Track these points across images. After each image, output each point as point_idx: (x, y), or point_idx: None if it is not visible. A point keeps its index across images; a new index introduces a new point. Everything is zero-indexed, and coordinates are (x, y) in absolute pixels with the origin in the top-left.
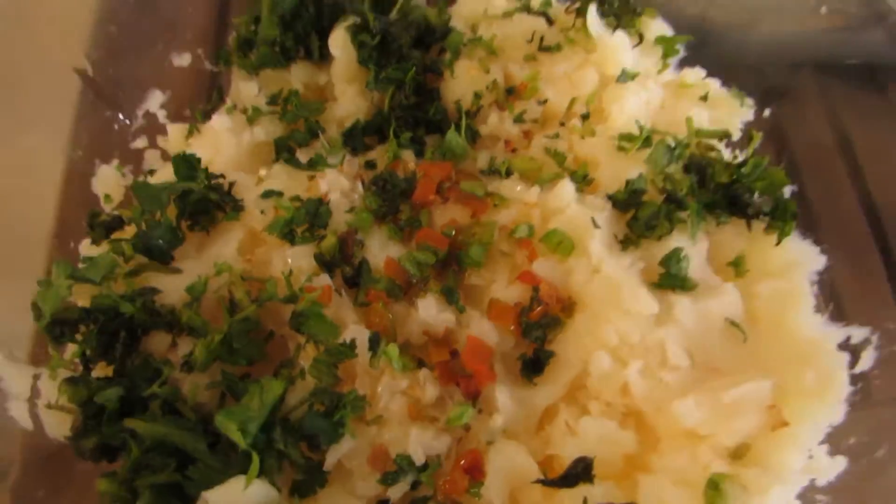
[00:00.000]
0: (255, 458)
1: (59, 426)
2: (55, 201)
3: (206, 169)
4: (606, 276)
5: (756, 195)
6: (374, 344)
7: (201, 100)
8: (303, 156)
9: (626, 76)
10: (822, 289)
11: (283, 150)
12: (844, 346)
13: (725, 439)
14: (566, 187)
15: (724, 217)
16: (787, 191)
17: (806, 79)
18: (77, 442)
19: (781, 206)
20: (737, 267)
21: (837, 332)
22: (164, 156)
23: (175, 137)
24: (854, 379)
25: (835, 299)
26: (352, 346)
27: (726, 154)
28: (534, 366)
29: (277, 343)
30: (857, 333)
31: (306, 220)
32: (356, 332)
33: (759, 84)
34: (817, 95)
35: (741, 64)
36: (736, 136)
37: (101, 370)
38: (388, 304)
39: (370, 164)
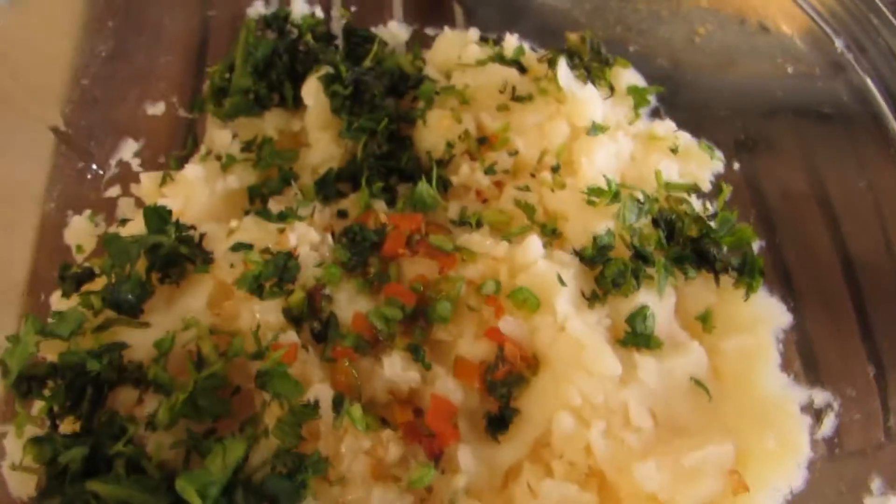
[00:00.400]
0: None
1: (23, 486)
2: (29, 254)
3: (178, 220)
4: (571, 335)
5: (724, 250)
6: (337, 405)
7: (176, 147)
8: (276, 204)
9: (596, 129)
10: (797, 345)
11: (257, 198)
12: (808, 407)
13: (686, 503)
14: (534, 243)
15: (692, 271)
16: (757, 245)
17: (782, 126)
18: (40, 503)
19: (749, 262)
20: (704, 322)
21: (801, 394)
22: (139, 203)
23: (148, 186)
24: (816, 443)
25: (807, 355)
26: (315, 406)
27: (698, 205)
28: (498, 423)
29: (244, 398)
30: (821, 397)
31: (275, 274)
32: (320, 391)
33: (733, 133)
34: (793, 144)
35: (715, 109)
36: (707, 187)
37: (68, 425)
38: (354, 360)
39: (342, 213)
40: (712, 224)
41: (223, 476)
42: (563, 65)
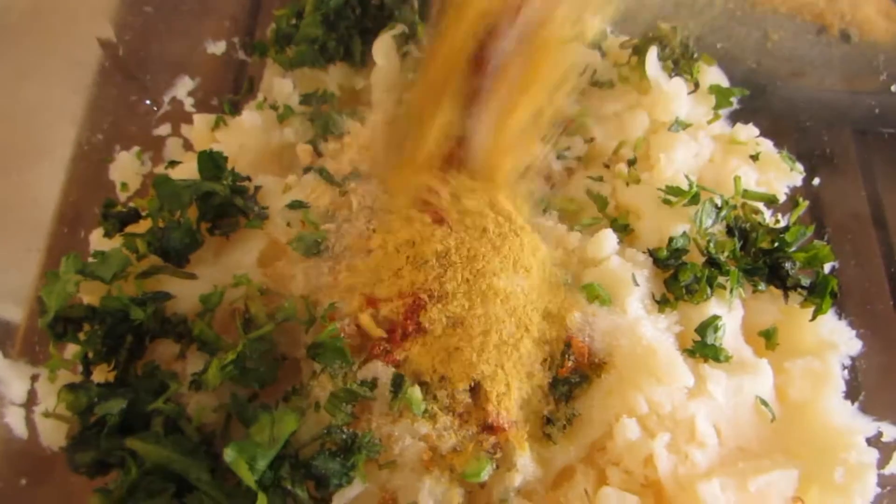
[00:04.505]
0: (262, 499)
1: (54, 434)
2: (60, 183)
3: (233, 169)
4: (642, 340)
5: (797, 266)
6: (396, 386)
7: (230, 89)
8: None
9: (678, 125)
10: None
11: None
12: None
13: None
14: (608, 237)
15: (762, 284)
16: (828, 265)
17: (847, 144)
18: (73, 454)
19: (822, 282)
20: (767, 338)
21: (868, 425)
22: (187, 145)
23: (201, 128)
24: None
25: (874, 386)
26: (372, 385)
27: (767, 215)
28: (556, 423)
29: (289, 364)
30: (890, 431)
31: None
32: (378, 369)
33: (804, 147)
34: (858, 163)
35: (789, 120)
36: (782, 199)
37: (101, 373)
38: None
39: None
40: (785, 237)
41: (272, 449)
42: (653, 54)
